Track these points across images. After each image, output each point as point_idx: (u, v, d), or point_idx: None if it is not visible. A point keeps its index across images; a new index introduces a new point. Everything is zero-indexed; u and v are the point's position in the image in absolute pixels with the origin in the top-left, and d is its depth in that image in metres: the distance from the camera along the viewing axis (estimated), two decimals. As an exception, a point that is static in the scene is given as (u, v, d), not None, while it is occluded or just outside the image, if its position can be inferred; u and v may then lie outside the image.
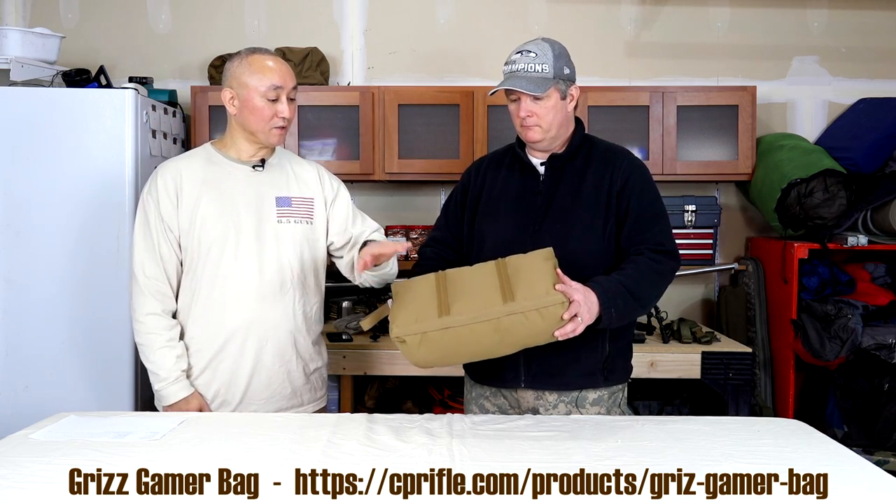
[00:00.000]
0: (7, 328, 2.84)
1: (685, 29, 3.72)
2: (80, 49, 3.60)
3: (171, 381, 2.07)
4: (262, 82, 2.03)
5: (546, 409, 2.07)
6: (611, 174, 2.05)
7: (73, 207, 2.83)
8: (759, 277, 3.57)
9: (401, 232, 3.64)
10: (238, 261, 2.08)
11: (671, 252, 2.02)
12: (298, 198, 2.17)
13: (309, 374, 2.22)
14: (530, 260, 1.84)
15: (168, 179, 2.09)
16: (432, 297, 1.82)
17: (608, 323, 1.86)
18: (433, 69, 3.71)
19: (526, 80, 1.99)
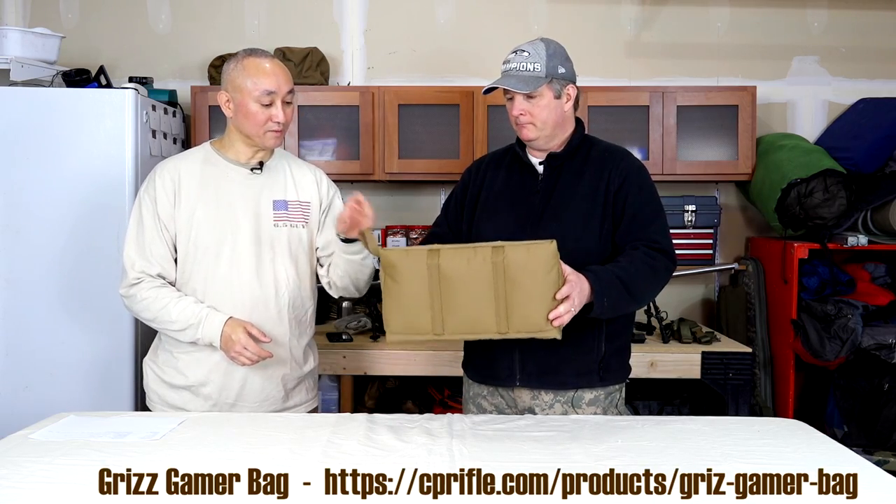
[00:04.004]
0: (7, 328, 2.84)
1: (685, 29, 3.72)
2: (80, 49, 3.60)
3: (205, 318, 2.02)
4: (256, 87, 2.02)
5: (542, 408, 2.07)
6: (608, 174, 2.05)
7: (73, 207, 2.83)
8: (759, 277, 3.57)
9: (401, 232, 3.64)
10: (233, 264, 2.07)
11: (667, 251, 2.02)
12: (295, 202, 2.16)
13: (302, 378, 2.22)
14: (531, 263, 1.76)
15: (167, 179, 2.09)
16: (425, 300, 1.78)
17: (600, 312, 1.86)
18: (433, 69, 3.71)
19: (517, 78, 2.00)
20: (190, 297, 2.06)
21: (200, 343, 2.05)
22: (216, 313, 2.03)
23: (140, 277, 2.06)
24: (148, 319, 2.09)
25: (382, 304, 1.84)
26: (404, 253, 1.81)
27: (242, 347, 1.99)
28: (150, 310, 2.06)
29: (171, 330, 2.06)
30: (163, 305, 2.04)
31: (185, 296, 2.07)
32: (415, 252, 1.81)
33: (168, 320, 2.04)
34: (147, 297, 2.05)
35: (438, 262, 1.78)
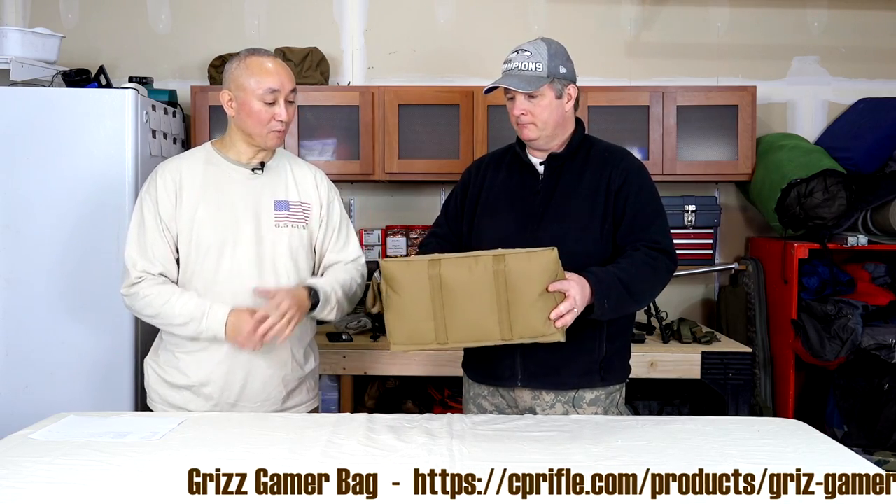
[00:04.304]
0: (7, 328, 2.84)
1: (685, 29, 3.72)
2: (80, 49, 3.60)
3: (207, 310, 2.01)
4: (260, 85, 2.02)
5: (543, 408, 2.07)
6: (609, 174, 2.05)
7: (73, 207, 2.83)
8: (759, 277, 3.57)
9: (401, 232, 3.64)
10: (235, 265, 2.07)
11: (667, 251, 2.02)
12: (296, 202, 2.16)
13: (303, 378, 2.22)
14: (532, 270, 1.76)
15: (168, 179, 2.09)
16: (428, 310, 1.79)
17: (600, 314, 1.86)
18: (433, 69, 3.71)
19: (518, 78, 1.99)
20: (192, 293, 2.06)
21: (203, 337, 2.04)
22: (219, 306, 2.02)
23: (142, 276, 2.06)
24: (150, 316, 2.08)
25: (385, 315, 1.84)
26: (405, 264, 1.81)
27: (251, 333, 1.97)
28: (152, 306, 2.05)
29: (175, 325, 2.05)
30: (165, 300, 2.03)
31: (187, 291, 2.06)
32: (416, 263, 1.81)
33: (171, 314, 2.03)
34: (149, 293, 2.04)
35: (440, 272, 1.78)
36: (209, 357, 2.09)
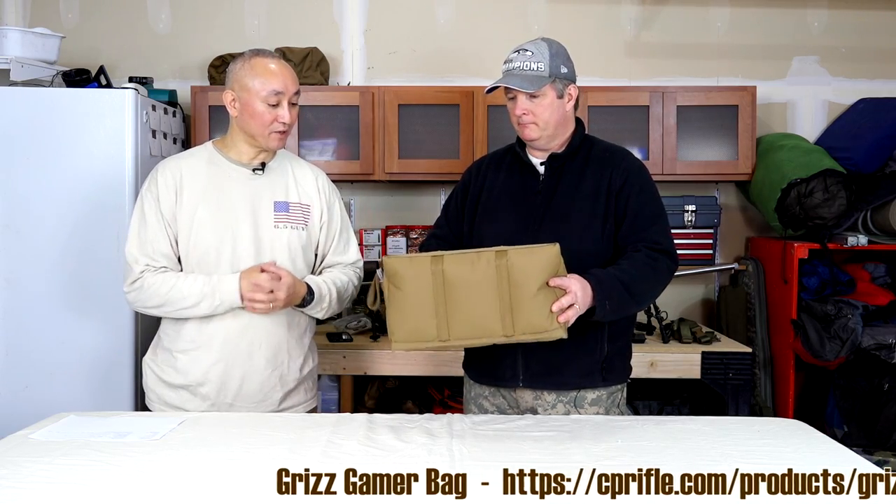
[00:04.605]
0: (7, 328, 2.84)
1: (685, 29, 3.72)
2: (80, 49, 3.60)
3: (217, 283, 2.01)
4: (264, 87, 2.02)
5: (544, 408, 2.07)
6: (610, 174, 2.05)
7: (73, 207, 2.83)
8: (759, 277, 3.57)
9: (401, 232, 3.64)
10: (234, 265, 2.06)
11: (668, 251, 2.02)
12: (296, 203, 2.16)
13: (301, 378, 2.21)
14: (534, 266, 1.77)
15: (169, 177, 2.09)
16: (430, 306, 1.79)
17: (601, 315, 1.86)
18: (433, 69, 3.71)
19: (520, 77, 1.99)
20: (196, 273, 2.05)
21: (220, 311, 2.03)
22: (227, 277, 2.02)
23: (145, 270, 2.06)
24: (157, 306, 2.06)
25: (387, 312, 1.84)
26: (408, 260, 1.83)
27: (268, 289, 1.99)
28: (159, 294, 2.03)
29: (186, 307, 2.03)
30: (172, 285, 2.03)
31: (192, 272, 2.05)
32: (418, 259, 1.81)
33: (179, 298, 2.02)
34: (154, 282, 2.04)
35: (443, 268, 1.78)
36: (206, 357, 2.09)
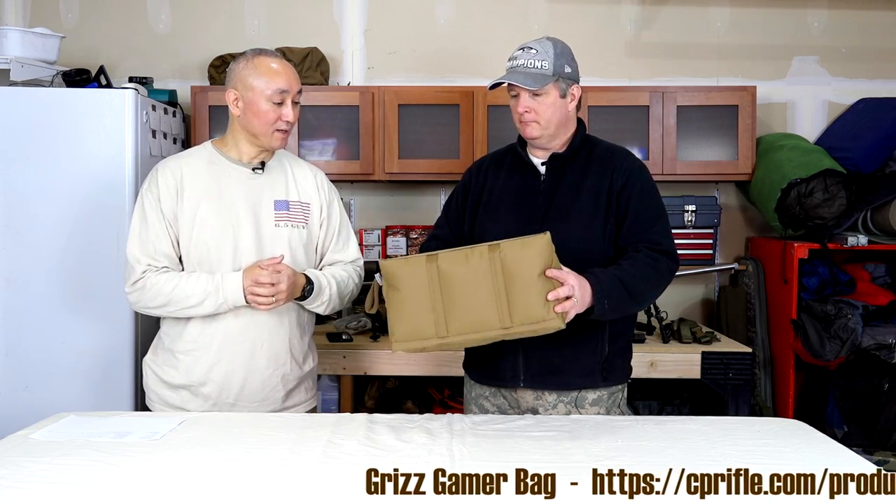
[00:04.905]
0: (7, 328, 2.84)
1: (685, 29, 3.72)
2: (80, 49, 3.60)
3: (220, 281, 2.01)
4: (269, 86, 2.02)
5: (545, 409, 2.07)
6: (611, 174, 2.05)
7: (73, 207, 2.83)
8: (759, 277, 3.57)
9: (401, 232, 3.64)
10: (235, 264, 2.07)
11: (669, 252, 2.02)
12: (296, 202, 2.16)
13: (302, 378, 2.22)
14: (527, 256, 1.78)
15: (169, 177, 2.09)
16: (427, 304, 1.80)
17: (601, 314, 1.86)
18: (433, 69, 3.71)
19: (524, 75, 1.99)
20: (199, 272, 2.05)
21: (224, 309, 2.03)
22: (230, 274, 2.03)
23: (147, 271, 2.06)
24: (161, 306, 2.06)
25: (388, 314, 1.85)
26: (403, 261, 1.84)
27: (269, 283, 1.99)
28: (162, 293, 2.03)
29: (189, 306, 2.03)
30: (174, 285, 2.03)
31: (194, 272, 2.05)
32: (413, 259, 1.83)
33: (183, 297, 2.02)
34: (157, 281, 2.04)
35: (437, 265, 1.80)
36: (208, 357, 2.09)
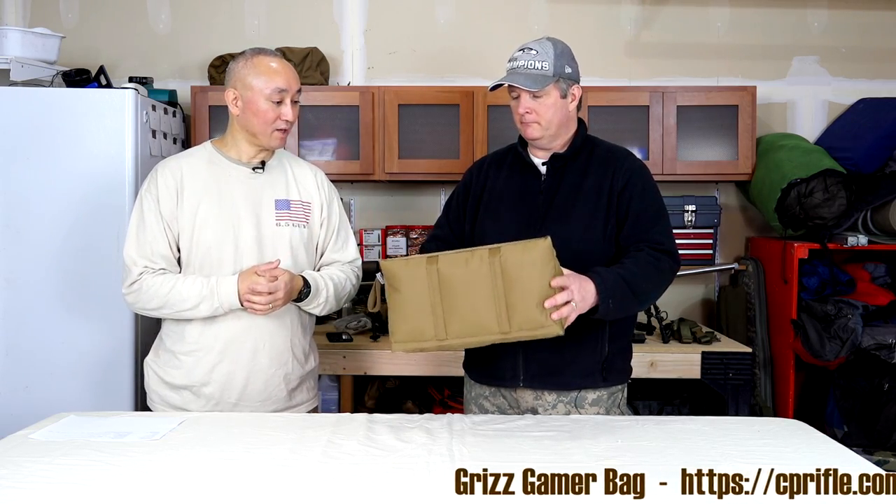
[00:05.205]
0: (7, 328, 2.84)
1: (685, 29, 3.72)
2: (80, 49, 3.60)
3: (216, 285, 2.01)
4: (268, 85, 2.03)
5: (545, 408, 2.07)
6: (612, 174, 2.05)
7: (73, 207, 2.83)
8: (759, 277, 3.57)
9: (401, 232, 3.64)
10: (237, 264, 2.07)
11: (670, 252, 2.02)
12: (297, 201, 2.16)
13: (304, 377, 2.22)
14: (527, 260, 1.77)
15: (169, 177, 2.09)
16: (427, 306, 1.81)
17: (605, 314, 1.86)
18: (433, 69, 3.71)
19: (524, 76, 1.99)
20: (196, 275, 2.05)
21: (220, 312, 2.03)
22: (225, 279, 2.03)
23: (143, 272, 2.06)
24: (157, 308, 2.06)
25: (389, 314, 1.87)
26: (404, 262, 1.85)
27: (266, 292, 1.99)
28: (158, 295, 2.04)
29: (185, 309, 2.04)
30: (171, 287, 2.03)
31: (191, 275, 2.06)
32: (414, 261, 1.84)
33: (179, 300, 2.03)
34: (153, 283, 2.04)
35: (437, 267, 1.81)
36: (209, 357, 2.09)
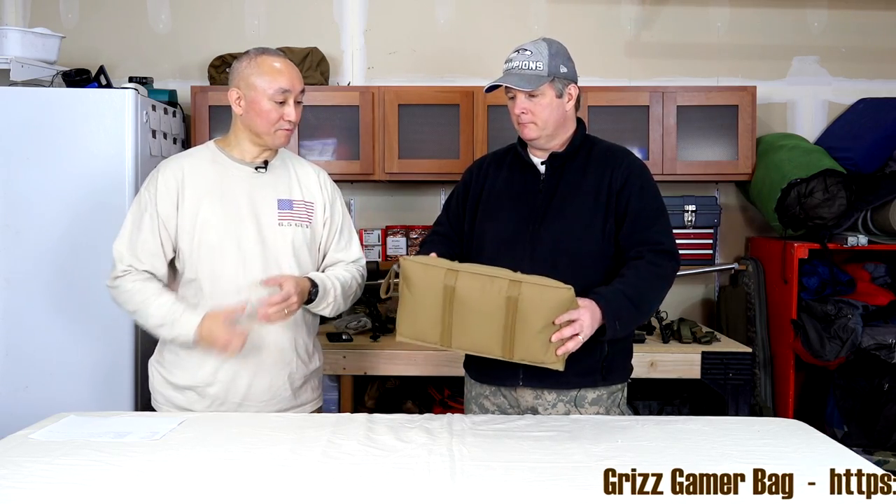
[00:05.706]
0: (7, 328, 2.84)
1: (685, 29, 3.72)
2: (80, 49, 3.60)
3: (178, 317, 2.01)
4: (271, 85, 2.02)
5: (545, 408, 2.07)
6: (611, 173, 2.05)
7: (73, 207, 2.83)
8: (759, 277, 3.57)
9: (401, 232, 3.64)
10: (239, 263, 2.06)
11: (670, 252, 2.02)
12: (300, 201, 2.16)
13: (309, 376, 2.21)
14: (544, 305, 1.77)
15: (170, 177, 2.08)
16: (437, 315, 1.83)
17: (612, 334, 1.89)
18: (433, 69, 3.71)
19: (519, 76, 2.00)
20: (171, 295, 2.05)
21: (177, 343, 2.06)
22: (190, 313, 2.02)
23: (127, 270, 2.06)
24: (130, 312, 2.10)
25: (398, 308, 1.89)
26: (423, 267, 1.85)
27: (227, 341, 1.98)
28: (132, 302, 2.06)
29: (150, 325, 2.06)
30: (143, 299, 2.04)
31: (168, 292, 2.06)
32: (433, 269, 1.84)
33: (147, 314, 2.05)
34: (130, 289, 2.05)
35: (455, 284, 1.81)
36: (214, 358, 2.08)
